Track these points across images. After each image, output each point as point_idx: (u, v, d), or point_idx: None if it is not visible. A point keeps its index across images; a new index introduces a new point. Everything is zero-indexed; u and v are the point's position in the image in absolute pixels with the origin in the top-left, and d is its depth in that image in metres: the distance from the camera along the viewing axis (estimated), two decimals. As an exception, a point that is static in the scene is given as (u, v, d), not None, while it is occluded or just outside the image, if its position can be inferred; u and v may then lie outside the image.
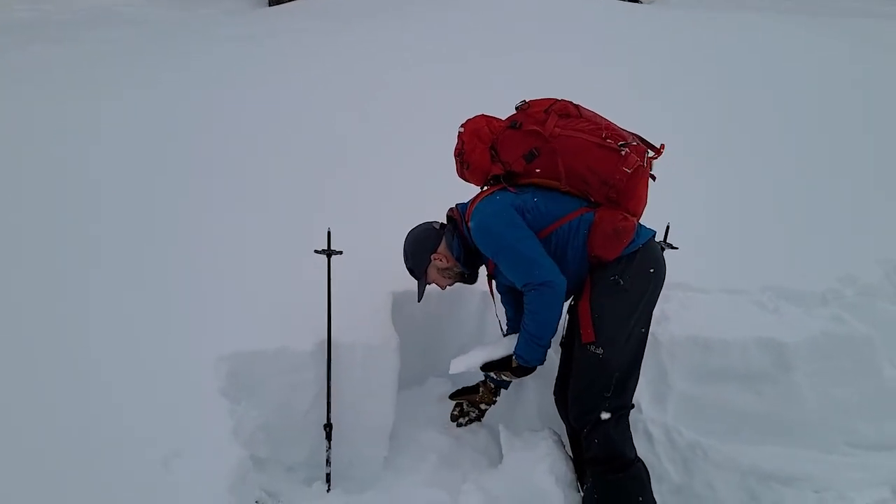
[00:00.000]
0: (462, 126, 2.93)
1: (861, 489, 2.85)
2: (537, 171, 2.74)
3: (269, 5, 10.56)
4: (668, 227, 3.20)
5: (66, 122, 4.70)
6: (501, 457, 2.98)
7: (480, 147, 2.85)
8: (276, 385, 2.96)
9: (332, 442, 2.95)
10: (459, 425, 3.39)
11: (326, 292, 2.99)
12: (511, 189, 2.74)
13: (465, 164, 2.90)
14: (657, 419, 3.08)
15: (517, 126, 2.78)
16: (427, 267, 2.93)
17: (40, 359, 2.81)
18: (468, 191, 2.97)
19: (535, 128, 2.73)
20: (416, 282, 2.98)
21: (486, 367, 2.86)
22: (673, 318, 3.29)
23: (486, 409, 3.38)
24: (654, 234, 2.80)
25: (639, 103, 2.74)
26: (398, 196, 4.14)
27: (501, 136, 2.82)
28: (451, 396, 3.38)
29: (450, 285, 3.02)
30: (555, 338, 2.71)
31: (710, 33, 7.35)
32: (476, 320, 3.49)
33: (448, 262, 2.89)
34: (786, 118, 5.63)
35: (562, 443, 2.98)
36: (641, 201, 2.80)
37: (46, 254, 3.43)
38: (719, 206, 4.37)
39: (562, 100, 2.83)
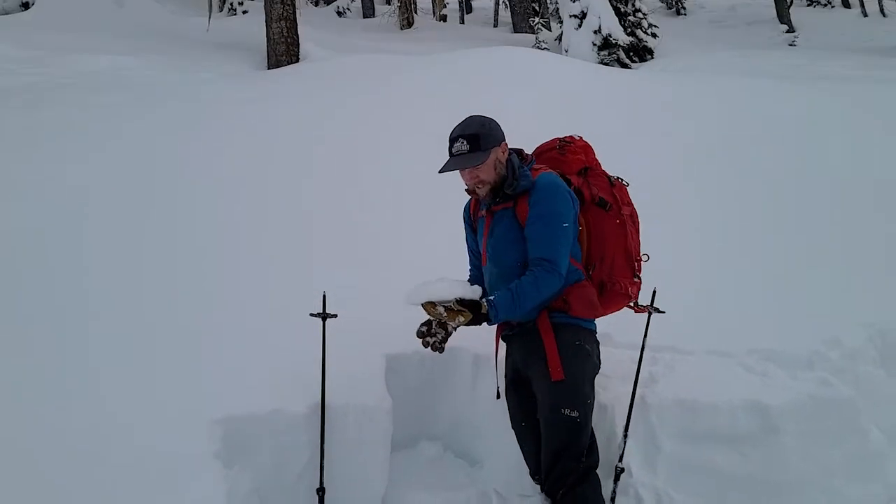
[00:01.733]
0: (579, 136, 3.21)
1: (848, 552, 2.88)
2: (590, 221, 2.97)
3: (269, 68, 10.81)
4: (654, 292, 3.27)
5: (50, 184, 4.78)
6: (493, 521, 2.99)
7: (582, 158, 3.10)
8: (269, 448, 2.97)
9: (324, 506, 2.95)
10: (426, 345, 2.80)
11: (321, 355, 3.02)
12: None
13: (563, 151, 3.09)
14: (647, 482, 3.10)
15: (612, 182, 3.08)
16: (494, 147, 2.81)
17: (30, 421, 2.83)
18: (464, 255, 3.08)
19: (619, 198, 3.02)
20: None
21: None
22: (661, 380, 3.35)
23: (451, 331, 2.79)
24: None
25: (628, 157, 2.90)
26: (394, 260, 4.23)
27: (597, 174, 3.09)
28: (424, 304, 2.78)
29: (478, 192, 2.89)
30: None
31: (706, 95, 7.47)
32: (468, 384, 3.53)
33: (504, 159, 2.85)
34: (776, 179, 5.67)
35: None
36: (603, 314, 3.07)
37: (43, 312, 3.49)
38: (706, 269, 4.46)
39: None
